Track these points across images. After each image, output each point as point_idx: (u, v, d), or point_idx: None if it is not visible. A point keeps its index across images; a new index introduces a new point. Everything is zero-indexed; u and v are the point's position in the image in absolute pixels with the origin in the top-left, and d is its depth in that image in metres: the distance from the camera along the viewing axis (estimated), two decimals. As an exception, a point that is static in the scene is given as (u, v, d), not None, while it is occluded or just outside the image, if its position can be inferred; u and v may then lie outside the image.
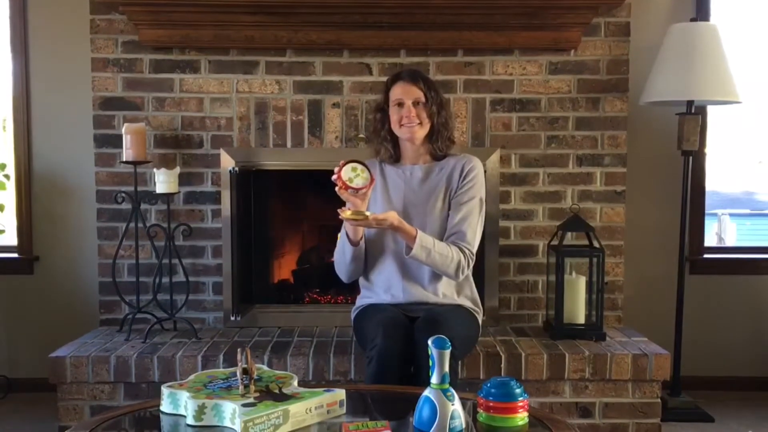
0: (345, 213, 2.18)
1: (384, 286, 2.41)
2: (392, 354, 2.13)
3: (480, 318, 2.48)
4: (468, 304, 2.43)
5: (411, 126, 2.38)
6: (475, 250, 2.36)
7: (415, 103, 2.39)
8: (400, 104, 2.40)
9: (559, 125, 3.09)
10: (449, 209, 2.40)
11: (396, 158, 2.50)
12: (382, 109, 2.47)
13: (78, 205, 3.29)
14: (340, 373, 2.66)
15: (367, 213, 2.19)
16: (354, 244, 2.35)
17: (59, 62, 3.26)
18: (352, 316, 2.50)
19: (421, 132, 2.41)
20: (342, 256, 2.40)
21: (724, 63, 2.95)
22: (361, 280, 2.49)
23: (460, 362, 2.41)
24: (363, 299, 2.48)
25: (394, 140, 2.48)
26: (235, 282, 3.07)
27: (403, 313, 2.34)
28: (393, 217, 2.22)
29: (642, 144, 3.28)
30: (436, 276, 2.37)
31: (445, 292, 2.39)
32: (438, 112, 2.41)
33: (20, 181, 3.32)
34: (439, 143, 2.44)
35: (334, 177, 2.21)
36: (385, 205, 2.42)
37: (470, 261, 2.34)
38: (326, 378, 2.66)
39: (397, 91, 2.41)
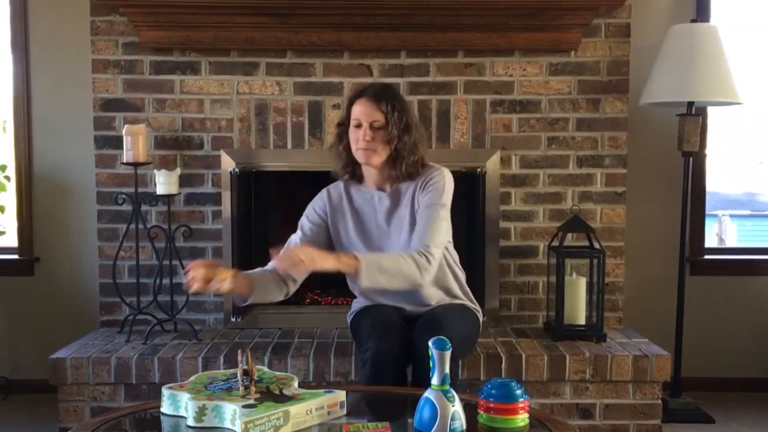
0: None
1: (379, 295, 2.34)
2: (386, 355, 2.10)
3: (480, 317, 2.45)
4: (468, 303, 2.41)
5: (366, 150, 2.18)
6: (432, 246, 2.11)
7: (374, 127, 2.17)
8: (358, 125, 2.19)
9: (560, 126, 3.10)
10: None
11: (358, 178, 2.31)
12: (342, 124, 2.28)
13: (78, 207, 3.29)
14: (341, 374, 2.66)
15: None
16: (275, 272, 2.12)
17: (60, 64, 3.27)
18: (349, 320, 2.44)
19: (377, 159, 2.19)
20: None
21: (725, 64, 2.95)
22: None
23: (460, 363, 2.40)
24: (358, 302, 2.43)
25: (353, 159, 2.26)
26: (236, 283, 3.06)
27: (402, 314, 2.31)
28: (306, 257, 1.96)
29: (642, 145, 3.28)
30: (427, 291, 2.27)
31: (442, 295, 2.33)
32: (400, 136, 2.17)
33: (21, 182, 3.32)
34: (402, 169, 2.20)
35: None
36: (357, 236, 2.29)
37: (429, 257, 2.09)
38: (327, 379, 2.66)
39: (357, 111, 2.20)
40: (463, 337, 2.24)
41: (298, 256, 1.96)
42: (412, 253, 2.10)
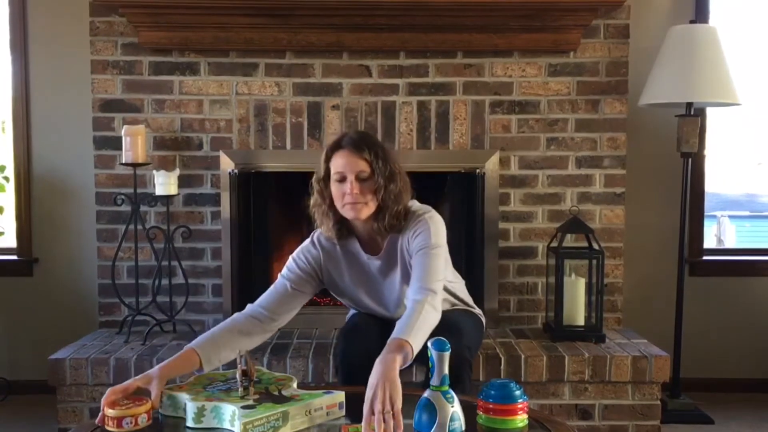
0: None
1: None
2: (353, 358, 2.07)
3: (484, 320, 2.44)
4: (472, 309, 2.39)
5: (354, 205, 2.02)
6: (433, 285, 1.99)
7: (359, 178, 2.03)
8: (342, 179, 2.04)
9: (559, 127, 3.10)
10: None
11: (345, 234, 2.16)
12: (323, 180, 2.11)
13: (77, 207, 3.29)
14: (340, 375, 2.66)
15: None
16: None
17: (59, 64, 3.26)
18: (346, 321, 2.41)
19: (367, 211, 2.05)
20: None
21: (724, 65, 2.96)
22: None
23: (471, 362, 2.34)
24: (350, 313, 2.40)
25: (339, 216, 2.11)
26: (235, 284, 3.07)
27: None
28: (391, 366, 1.68)
29: (641, 146, 3.28)
30: None
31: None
32: (385, 186, 2.03)
33: (20, 183, 3.32)
34: (385, 221, 2.07)
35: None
36: (354, 284, 2.21)
37: (434, 296, 1.97)
38: (326, 380, 2.66)
39: (338, 163, 2.04)
40: (475, 342, 2.25)
41: (386, 404, 1.60)
42: (422, 298, 1.94)
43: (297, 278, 2.16)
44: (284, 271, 2.19)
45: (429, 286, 1.97)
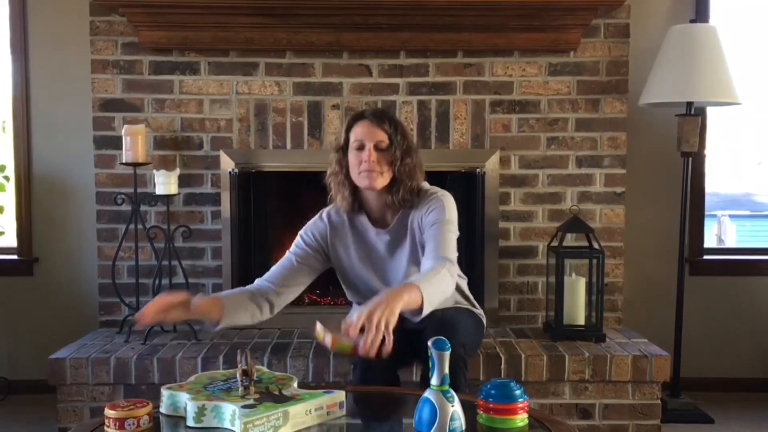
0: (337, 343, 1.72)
1: None
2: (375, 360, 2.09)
3: (485, 320, 2.44)
4: (473, 308, 2.39)
5: (370, 173, 2.07)
6: (450, 255, 2.03)
7: (378, 148, 2.08)
8: (361, 147, 2.09)
9: (559, 126, 3.10)
10: (418, 257, 2.13)
11: (357, 207, 2.18)
12: (341, 149, 2.16)
13: (78, 207, 3.29)
14: (340, 374, 2.66)
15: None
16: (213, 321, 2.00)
17: (59, 64, 3.26)
18: None
19: (382, 181, 2.09)
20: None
21: (724, 64, 2.96)
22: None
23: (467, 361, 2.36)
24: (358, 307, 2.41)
25: (354, 186, 2.15)
26: (235, 284, 3.06)
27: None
28: (397, 297, 1.74)
29: (642, 145, 3.28)
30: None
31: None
32: (401, 158, 2.09)
33: (20, 182, 3.32)
34: (399, 195, 2.10)
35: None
36: (361, 262, 2.21)
37: (451, 266, 2.01)
38: (326, 379, 2.66)
39: (359, 132, 2.10)
40: (473, 340, 2.25)
41: (381, 321, 1.67)
42: (440, 264, 1.96)
43: (303, 253, 2.19)
44: (292, 246, 2.22)
45: (446, 256, 2.00)
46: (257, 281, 2.14)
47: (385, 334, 1.67)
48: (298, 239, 2.23)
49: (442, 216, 2.10)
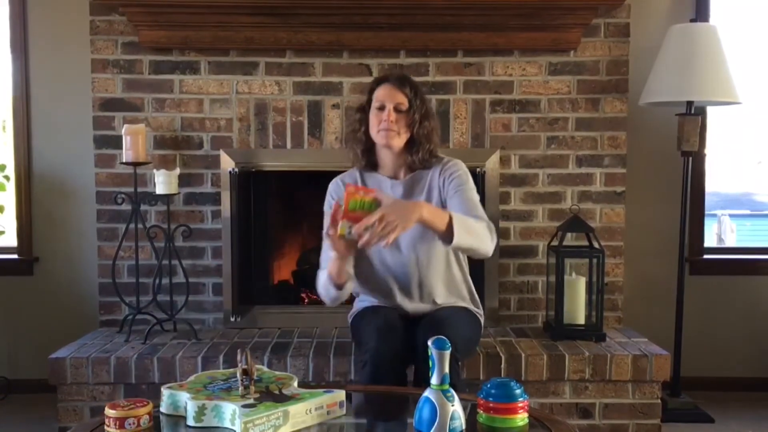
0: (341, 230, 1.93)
1: (382, 298, 2.34)
2: (386, 356, 2.09)
3: (482, 320, 2.45)
4: (470, 306, 2.40)
5: (388, 132, 2.21)
6: (485, 216, 2.19)
7: (397, 110, 2.22)
8: (381, 108, 2.23)
9: (559, 126, 3.10)
10: None
11: (372, 165, 2.34)
12: (363, 109, 2.32)
13: (78, 206, 3.29)
14: (340, 374, 2.66)
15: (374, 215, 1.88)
16: (338, 287, 2.17)
17: (59, 63, 3.26)
18: (349, 320, 2.44)
19: (399, 141, 2.23)
20: (326, 293, 2.23)
21: (724, 64, 2.96)
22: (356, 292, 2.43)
23: (460, 363, 2.39)
24: (360, 302, 2.42)
25: (370, 145, 2.31)
26: (235, 283, 3.07)
27: (402, 314, 2.30)
28: (418, 208, 1.95)
29: (642, 145, 3.28)
30: (433, 288, 2.29)
31: (446, 300, 2.33)
32: (420, 121, 2.24)
33: (20, 182, 3.32)
34: (419, 155, 2.25)
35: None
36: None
37: (489, 223, 2.15)
38: (326, 379, 2.66)
39: (381, 94, 2.26)
40: (466, 339, 2.24)
41: (390, 220, 1.89)
42: (483, 222, 2.12)
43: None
44: (325, 228, 2.20)
45: (483, 216, 2.16)
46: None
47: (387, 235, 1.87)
48: (326, 210, 2.31)
49: (465, 182, 2.26)
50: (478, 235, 2.07)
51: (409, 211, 1.94)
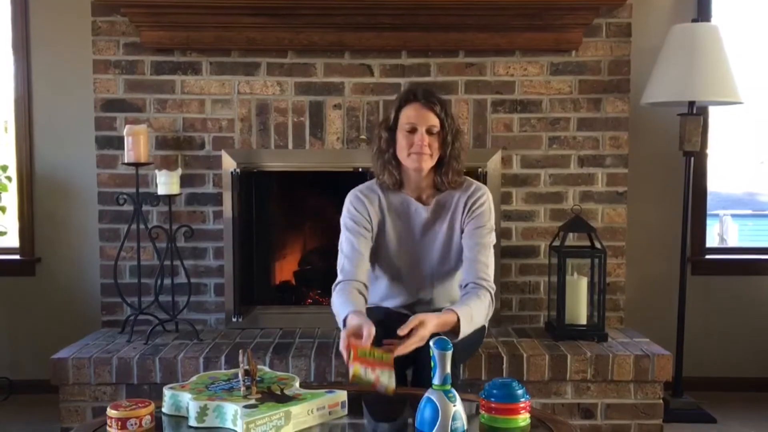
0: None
1: (385, 299, 2.36)
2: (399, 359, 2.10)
3: (486, 326, 2.44)
4: None
5: (420, 155, 2.11)
6: (491, 278, 2.22)
7: (429, 131, 2.12)
8: (413, 130, 2.12)
9: (561, 126, 3.09)
10: (453, 239, 2.25)
11: (399, 185, 2.24)
12: (390, 128, 2.19)
13: (80, 207, 3.29)
14: (342, 374, 2.66)
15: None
16: None
17: (61, 64, 3.27)
18: None
19: (430, 163, 2.15)
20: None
21: (726, 63, 2.95)
22: None
23: (461, 366, 2.39)
24: None
25: (399, 165, 2.20)
26: (237, 283, 3.07)
27: (404, 316, 2.30)
28: (424, 326, 1.91)
29: (643, 145, 3.28)
30: (439, 306, 2.28)
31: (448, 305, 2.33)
32: (452, 142, 2.15)
33: (22, 182, 3.32)
34: (448, 176, 2.18)
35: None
36: (396, 241, 2.25)
37: (492, 294, 2.19)
38: (328, 379, 2.66)
39: (411, 114, 2.13)
40: (466, 343, 2.24)
41: (420, 337, 1.89)
42: (482, 291, 2.15)
43: (363, 238, 2.19)
44: (348, 236, 2.19)
45: (489, 284, 2.18)
46: (350, 284, 2.14)
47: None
48: (352, 226, 2.20)
49: (486, 221, 2.22)
50: (479, 322, 2.12)
51: (428, 327, 1.93)
